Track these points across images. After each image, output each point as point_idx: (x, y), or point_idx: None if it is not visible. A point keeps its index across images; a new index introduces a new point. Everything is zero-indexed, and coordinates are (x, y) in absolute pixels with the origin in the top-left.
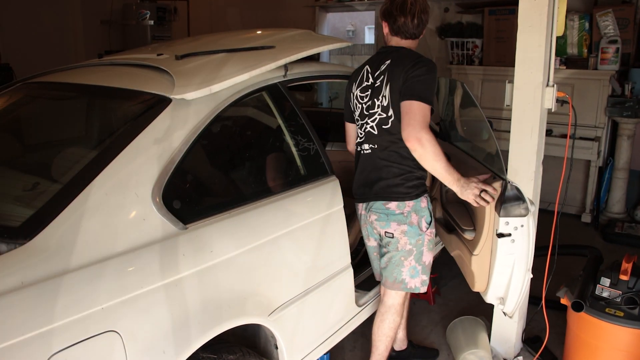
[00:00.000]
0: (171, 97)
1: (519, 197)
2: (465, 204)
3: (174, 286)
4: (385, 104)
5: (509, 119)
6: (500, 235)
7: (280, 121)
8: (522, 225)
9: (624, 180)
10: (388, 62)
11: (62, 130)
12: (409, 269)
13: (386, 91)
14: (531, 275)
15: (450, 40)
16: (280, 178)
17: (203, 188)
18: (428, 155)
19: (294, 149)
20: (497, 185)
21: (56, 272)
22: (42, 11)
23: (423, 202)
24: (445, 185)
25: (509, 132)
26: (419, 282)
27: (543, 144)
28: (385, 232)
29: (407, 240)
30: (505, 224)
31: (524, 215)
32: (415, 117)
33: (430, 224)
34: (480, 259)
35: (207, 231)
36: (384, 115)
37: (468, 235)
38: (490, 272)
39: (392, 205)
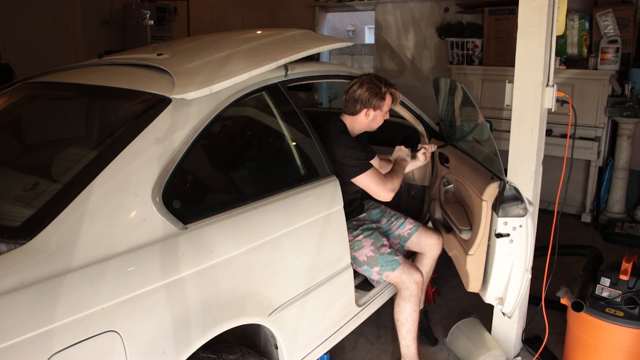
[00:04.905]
0: (171, 97)
1: (518, 197)
2: (463, 204)
3: (174, 286)
4: None
5: (509, 119)
6: (499, 236)
7: (280, 121)
8: (520, 226)
9: (624, 180)
10: None
11: (62, 130)
12: None
13: None
14: (530, 276)
15: (450, 40)
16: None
17: (203, 188)
18: None
19: (294, 149)
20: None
21: (56, 272)
22: (42, 11)
23: None
24: (444, 186)
25: (509, 132)
26: None
27: (543, 144)
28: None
29: None
30: (503, 224)
31: (523, 216)
32: None
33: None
34: (476, 259)
35: (207, 231)
36: None
37: (464, 235)
38: (489, 273)
39: None
